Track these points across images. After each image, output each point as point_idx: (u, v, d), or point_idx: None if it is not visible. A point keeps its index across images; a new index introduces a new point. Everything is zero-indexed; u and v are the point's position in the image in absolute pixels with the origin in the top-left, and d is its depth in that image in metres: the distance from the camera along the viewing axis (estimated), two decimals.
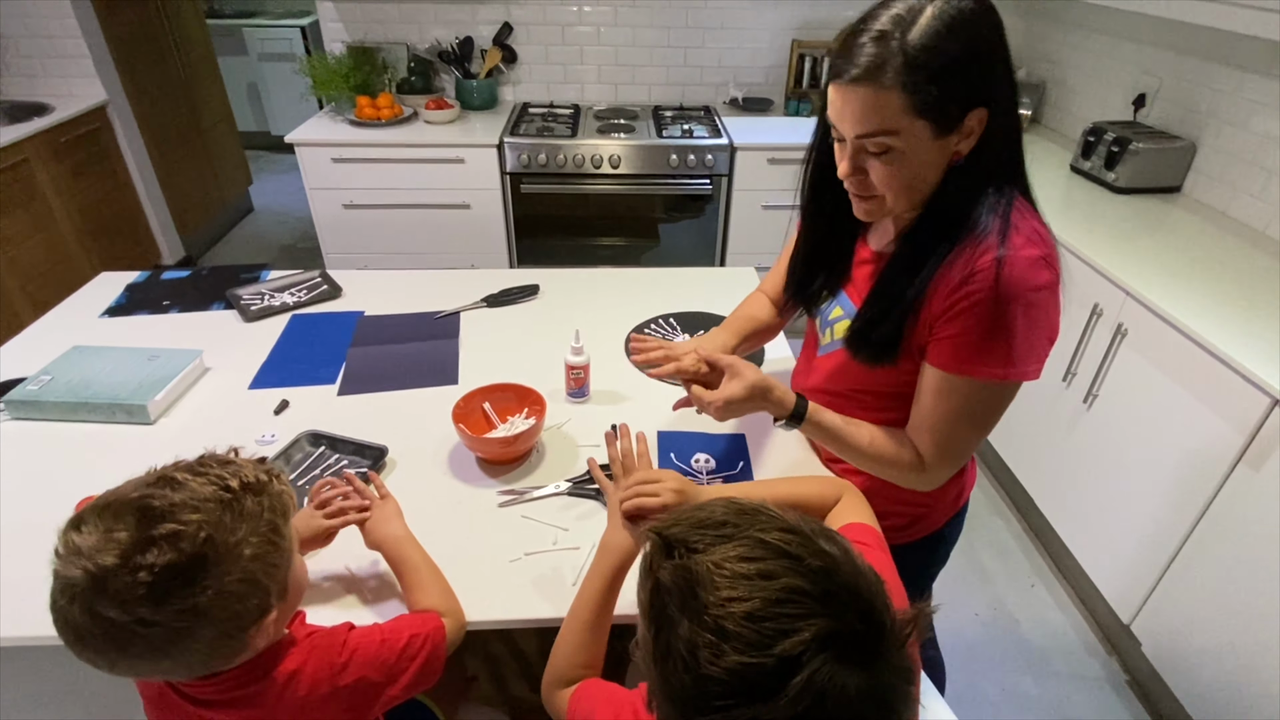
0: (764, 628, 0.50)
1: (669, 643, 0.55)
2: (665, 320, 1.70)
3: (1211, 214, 2.19)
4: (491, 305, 1.74)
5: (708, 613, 0.52)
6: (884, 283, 0.98)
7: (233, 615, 0.71)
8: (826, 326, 1.12)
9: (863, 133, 0.86)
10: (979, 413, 0.96)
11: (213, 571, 0.68)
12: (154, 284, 1.80)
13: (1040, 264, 0.87)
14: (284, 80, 5.05)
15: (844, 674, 0.50)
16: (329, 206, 2.85)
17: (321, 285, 1.79)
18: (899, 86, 0.81)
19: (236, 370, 1.48)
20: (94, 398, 1.32)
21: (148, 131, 3.51)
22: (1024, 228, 0.89)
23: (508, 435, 1.23)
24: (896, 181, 0.89)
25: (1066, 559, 2.14)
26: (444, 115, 2.87)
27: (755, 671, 0.50)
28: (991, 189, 0.90)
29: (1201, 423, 1.61)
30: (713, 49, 3.22)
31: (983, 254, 0.87)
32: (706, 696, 0.52)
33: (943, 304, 0.90)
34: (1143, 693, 1.86)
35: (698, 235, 2.97)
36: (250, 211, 4.61)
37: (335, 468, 1.23)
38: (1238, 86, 2.11)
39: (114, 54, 3.28)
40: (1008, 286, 0.86)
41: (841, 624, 0.51)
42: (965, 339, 0.90)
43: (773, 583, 0.52)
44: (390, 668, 0.86)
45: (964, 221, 0.90)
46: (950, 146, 0.87)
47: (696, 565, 0.55)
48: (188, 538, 0.66)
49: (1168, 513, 1.70)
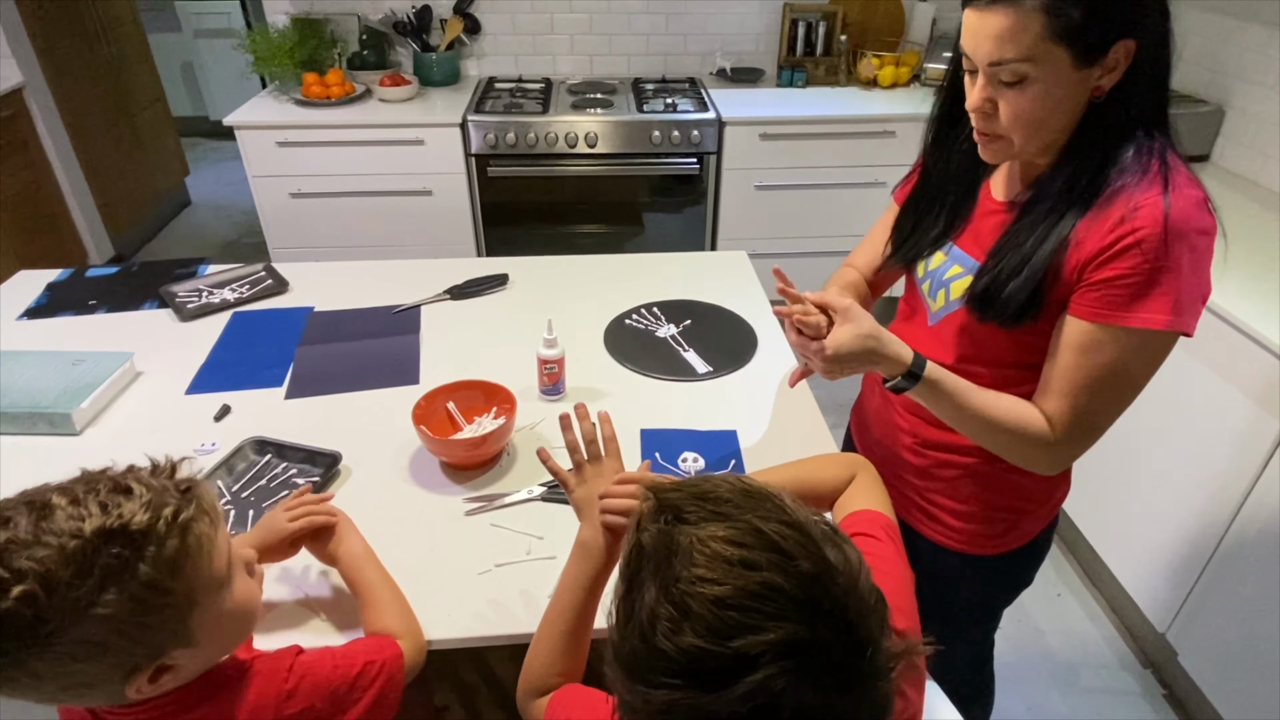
0: (728, 616, 0.51)
1: (634, 606, 0.56)
2: (648, 309, 1.71)
3: (1241, 183, 2.23)
4: (455, 297, 1.75)
5: (676, 586, 0.54)
6: (1017, 231, 0.96)
7: (68, 674, 0.66)
8: (940, 288, 1.08)
9: (998, 59, 0.85)
10: (1128, 373, 0.92)
11: (37, 632, 0.62)
12: (78, 282, 1.80)
13: (1204, 205, 0.87)
14: (222, 59, 5.04)
15: (803, 690, 0.51)
16: (274, 196, 2.84)
17: (266, 280, 1.80)
18: (1041, 8, 0.81)
19: (172, 374, 1.48)
20: (11, 407, 1.31)
21: (70, 118, 3.49)
22: (1181, 170, 0.89)
23: (474, 437, 1.23)
24: (1028, 116, 0.88)
25: (1096, 565, 2.17)
26: (400, 93, 2.88)
27: (708, 659, 0.51)
28: (1139, 134, 0.89)
29: (1237, 411, 1.63)
30: (697, 15, 3.24)
31: (1146, 188, 0.87)
32: (654, 669, 0.53)
33: (1098, 244, 0.88)
34: (1180, 707, 1.89)
35: (685, 220, 2.99)
36: (187, 205, 4.59)
37: (283, 477, 1.23)
38: (1266, 44, 2.15)
39: (30, 32, 3.27)
40: (1176, 224, 0.85)
41: (814, 636, 0.52)
42: (1124, 282, 0.87)
43: (752, 574, 0.53)
44: (341, 698, 0.85)
45: (1108, 166, 0.90)
46: (1091, 81, 0.87)
47: (680, 536, 0.57)
48: (4, 592, 0.61)
49: (1203, 509, 1.73)
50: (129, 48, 4.10)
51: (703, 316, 1.69)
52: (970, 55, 0.89)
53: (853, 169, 2.90)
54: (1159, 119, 0.91)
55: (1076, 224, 0.90)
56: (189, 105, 5.29)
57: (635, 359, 1.55)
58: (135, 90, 4.12)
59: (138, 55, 4.20)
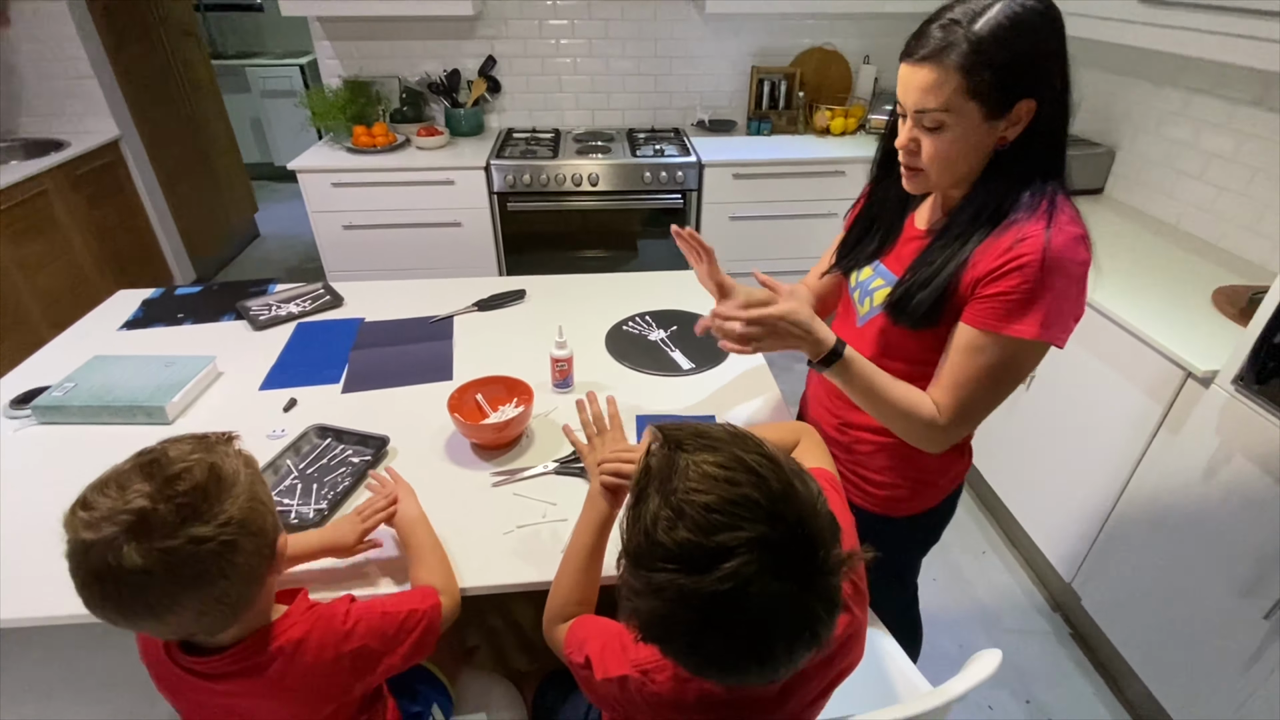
0: (713, 518, 0.56)
1: (641, 512, 0.60)
2: (642, 317, 1.72)
3: (1130, 211, 2.25)
4: (482, 309, 1.76)
5: (675, 496, 0.58)
6: (929, 251, 0.98)
7: (258, 528, 0.74)
8: (866, 296, 1.10)
9: (921, 108, 0.88)
10: (1003, 373, 0.93)
11: (228, 490, 0.72)
12: (168, 299, 1.80)
13: (1082, 242, 0.89)
14: (284, 115, 5.04)
15: (767, 577, 0.55)
16: (330, 228, 2.85)
17: (324, 296, 1.80)
18: (958, 68, 0.83)
19: (248, 373, 1.49)
20: (115, 401, 1.32)
21: (158, 164, 3.50)
22: (1067, 210, 0.90)
23: (499, 422, 1.25)
24: (943, 156, 0.91)
25: (1014, 527, 2.19)
26: (434, 141, 2.89)
27: (696, 549, 0.56)
28: (1036, 179, 0.91)
29: (1126, 396, 1.66)
30: (680, 76, 3.26)
31: (1033, 224, 0.88)
32: (655, 558, 0.57)
33: (989, 265, 0.90)
34: (1084, 643, 1.90)
35: (671, 246, 2.96)
36: (256, 236, 4.59)
37: (340, 456, 1.25)
38: (1150, 98, 2.19)
39: (125, 93, 3.27)
40: (1054, 254, 0.86)
41: (778, 535, 0.56)
42: (1006, 299, 0.89)
43: (734, 488, 0.57)
44: (390, 638, 0.87)
45: (1007, 204, 0.91)
46: (997, 131, 0.89)
47: (680, 459, 0.61)
48: (196, 469, 0.71)
49: (1100, 478, 1.74)
50: (207, 106, 4.10)
51: (686, 323, 1.71)
52: (902, 102, 0.91)
53: (810, 202, 2.92)
54: (1055, 167, 0.93)
55: (976, 247, 0.92)
56: (257, 153, 5.28)
57: (631, 358, 1.56)
58: (213, 141, 4.12)
59: (215, 112, 4.20)
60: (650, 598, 0.58)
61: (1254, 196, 1.89)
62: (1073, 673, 1.83)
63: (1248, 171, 1.90)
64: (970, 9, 0.84)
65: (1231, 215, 1.96)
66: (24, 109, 3.11)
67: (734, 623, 0.56)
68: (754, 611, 0.56)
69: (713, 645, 0.59)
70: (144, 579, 0.66)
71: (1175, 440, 1.53)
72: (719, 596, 0.55)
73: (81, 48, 3.01)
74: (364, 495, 1.17)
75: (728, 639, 0.57)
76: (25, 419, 1.33)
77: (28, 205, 2.68)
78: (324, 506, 1.12)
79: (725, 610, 0.56)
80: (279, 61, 4.98)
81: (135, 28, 3.41)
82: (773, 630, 0.57)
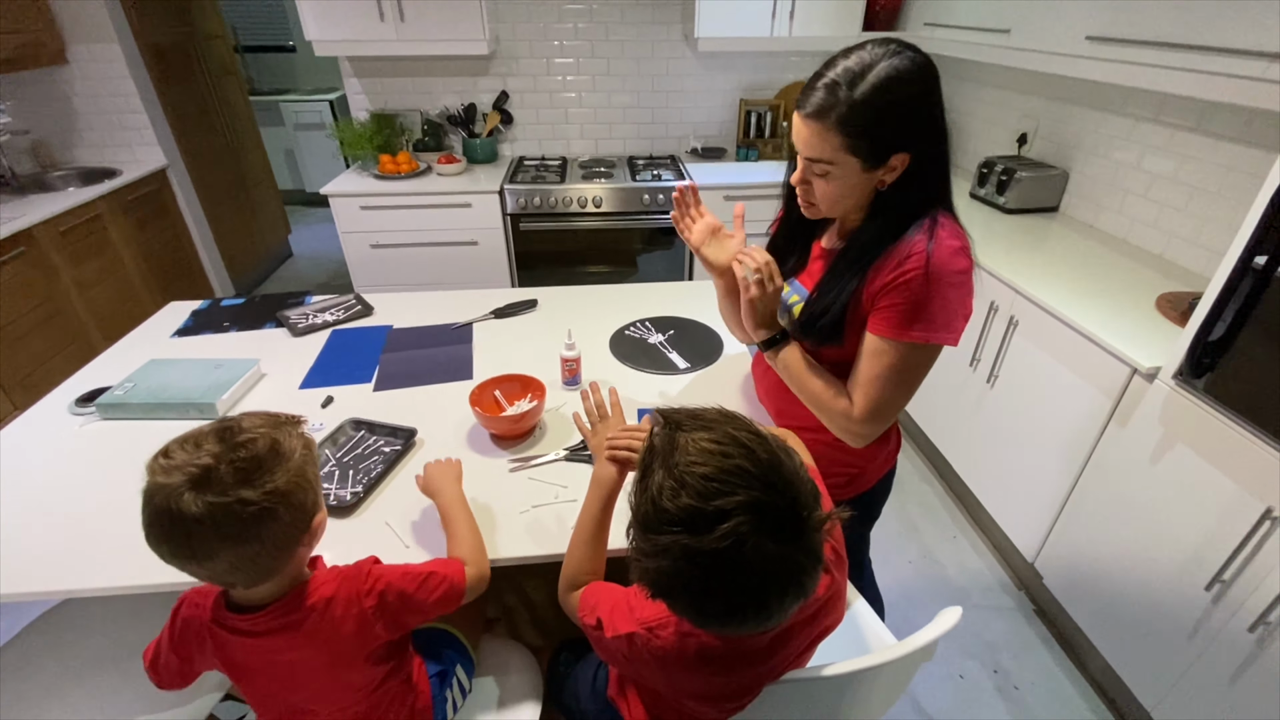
0: (710, 486, 0.59)
1: (647, 485, 0.63)
2: (642, 323, 1.76)
3: (1082, 227, 2.30)
4: (498, 316, 1.79)
5: (677, 469, 0.62)
6: (831, 274, 1.03)
7: (299, 504, 0.78)
8: (785, 311, 1.14)
9: (809, 157, 0.93)
10: (904, 372, 0.97)
11: (280, 465, 0.77)
12: (215, 310, 1.84)
13: (961, 252, 0.94)
14: (315, 145, 5.10)
15: (760, 535, 0.58)
16: (359, 246, 2.89)
17: (356, 305, 1.84)
18: (838, 129, 0.88)
19: (288, 375, 1.53)
20: (170, 399, 1.36)
21: (201, 190, 3.54)
22: (947, 224, 0.95)
23: (515, 415, 1.28)
24: (831, 196, 0.97)
25: (980, 513, 2.22)
26: (453, 168, 2.94)
27: (697, 513, 0.59)
28: (918, 213, 0.96)
29: (1079, 392, 1.69)
30: (675, 108, 3.32)
31: (916, 243, 0.93)
32: (661, 523, 0.61)
33: (882, 282, 0.95)
34: (1046, 618, 1.93)
35: (668, 262, 3.05)
36: (289, 256, 4.63)
37: (373, 447, 1.28)
38: (1099, 125, 2.23)
39: (172, 126, 3.33)
40: (935, 267, 0.91)
41: (768, 499, 0.59)
42: (899, 309, 0.94)
43: (727, 460, 0.61)
44: (409, 596, 0.89)
45: (898, 227, 0.96)
46: (876, 177, 0.94)
47: (679, 438, 0.65)
48: (259, 440, 0.77)
49: (1058, 467, 1.78)
50: (246, 138, 4.16)
51: (682, 328, 1.74)
52: (795, 145, 0.96)
53: None
54: (935, 200, 0.97)
55: (870, 267, 0.97)
56: (290, 181, 5.33)
57: (633, 359, 1.60)
58: (250, 169, 4.17)
59: (252, 143, 4.25)
60: (658, 558, 0.62)
61: (1193, 212, 1.94)
62: (1037, 645, 1.86)
63: (1188, 190, 1.95)
64: (849, 69, 0.87)
65: (1174, 229, 2.00)
66: (80, 140, 3.16)
67: (732, 576, 0.60)
68: (749, 565, 0.59)
69: (714, 598, 0.62)
70: (194, 526, 0.72)
71: (1124, 431, 1.57)
72: (719, 554, 0.58)
73: (133, 85, 3.07)
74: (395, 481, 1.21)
75: (727, 591, 0.61)
76: (89, 415, 1.37)
77: (84, 228, 2.73)
78: (360, 490, 1.16)
79: (724, 565, 0.59)
80: (310, 97, 5.05)
81: (181, 67, 3.47)
82: (766, 582, 0.60)
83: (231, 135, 3.97)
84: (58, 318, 2.59)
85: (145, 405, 1.35)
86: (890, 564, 2.11)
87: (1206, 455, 1.37)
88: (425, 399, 1.44)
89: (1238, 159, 1.80)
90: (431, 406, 1.41)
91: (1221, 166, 1.85)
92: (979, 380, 2.08)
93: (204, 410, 1.35)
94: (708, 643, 0.74)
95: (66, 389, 1.47)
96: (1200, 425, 1.37)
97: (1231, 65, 1.46)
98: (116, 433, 1.33)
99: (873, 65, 0.87)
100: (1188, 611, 1.42)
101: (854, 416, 1.02)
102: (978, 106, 2.87)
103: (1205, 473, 1.37)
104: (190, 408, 1.35)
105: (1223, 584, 1.34)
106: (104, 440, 1.31)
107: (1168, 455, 1.46)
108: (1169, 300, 1.75)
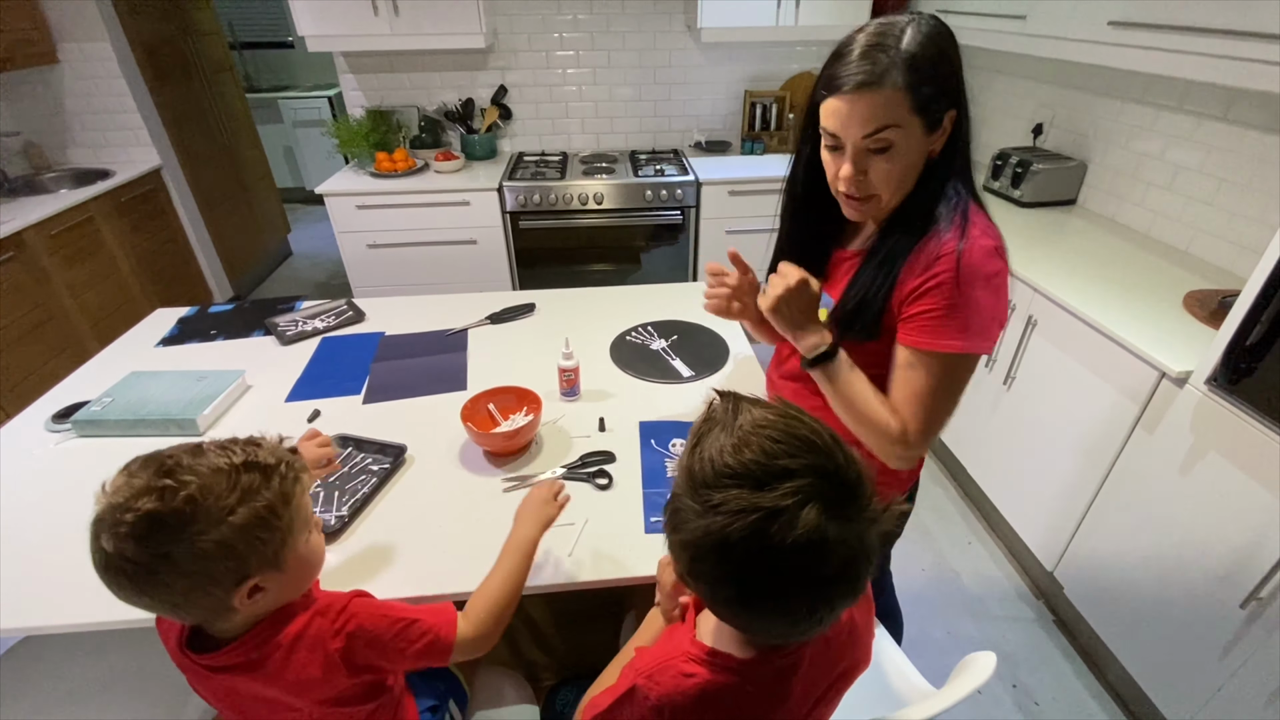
0: (776, 448, 0.57)
1: (705, 446, 0.60)
2: (644, 328, 1.69)
3: (1102, 220, 2.21)
4: (494, 322, 1.73)
5: (740, 430, 0.59)
6: (867, 269, 0.94)
7: (202, 571, 0.67)
8: None
9: (870, 131, 0.83)
10: (950, 385, 0.90)
11: (188, 529, 0.65)
12: (202, 317, 1.78)
13: (994, 254, 0.87)
14: (314, 143, 5.03)
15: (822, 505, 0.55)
16: (356, 247, 2.83)
17: (348, 312, 1.78)
18: (902, 86, 0.80)
19: (275, 386, 1.47)
20: (149, 415, 1.30)
21: (197, 190, 3.48)
22: (978, 222, 0.88)
23: (510, 430, 1.22)
24: (894, 178, 0.87)
25: (997, 519, 2.14)
26: (451, 165, 2.87)
27: (760, 469, 0.56)
28: (950, 187, 0.89)
29: (1102, 396, 1.61)
30: (678, 101, 3.23)
31: (946, 243, 0.86)
32: (719, 477, 0.57)
33: (911, 286, 0.88)
34: (1066, 629, 1.85)
35: (672, 259, 2.97)
36: (289, 255, 4.58)
37: (361, 465, 1.21)
38: (1118, 114, 2.14)
39: (166, 125, 3.26)
40: (967, 271, 0.84)
41: (834, 467, 0.57)
42: (929, 316, 0.87)
43: (795, 429, 0.58)
44: (384, 645, 0.79)
45: (929, 217, 0.89)
46: (930, 144, 0.86)
47: (742, 407, 0.62)
48: (173, 494, 0.65)
49: (1080, 474, 1.70)
50: (243, 136, 4.09)
51: (686, 333, 1.67)
52: (838, 135, 0.87)
53: None
54: (965, 172, 0.91)
55: (902, 266, 0.90)
56: (289, 178, 5.27)
57: (635, 367, 1.53)
58: (248, 168, 4.11)
59: (249, 141, 4.19)
60: (710, 515, 0.57)
61: (1220, 205, 1.85)
62: (1056, 658, 1.78)
63: (1214, 181, 1.85)
64: (884, 32, 0.82)
65: (1200, 223, 1.91)
66: (72, 141, 3.10)
67: (786, 543, 0.54)
68: (805, 536, 0.54)
69: (762, 569, 0.57)
70: (103, 564, 0.65)
71: (1151, 438, 1.49)
72: (778, 513, 0.54)
73: (125, 84, 3.00)
74: (384, 502, 1.14)
75: (777, 562, 0.55)
76: (66, 433, 1.31)
77: (76, 230, 2.67)
78: (345, 513, 1.09)
79: (781, 529, 0.54)
80: (309, 94, 4.98)
81: (174, 65, 3.40)
82: (819, 560, 0.55)
83: (228, 134, 3.90)
84: (50, 323, 2.54)
85: (123, 422, 1.28)
86: (902, 571, 2.03)
87: (1242, 465, 1.29)
88: (417, 412, 1.38)
89: (1269, 149, 1.71)
90: (423, 420, 1.35)
91: (1251, 157, 1.75)
92: (995, 381, 2.00)
93: (184, 427, 1.29)
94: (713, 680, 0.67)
95: (45, 403, 1.41)
96: (1236, 433, 1.29)
97: (1261, 50, 1.38)
98: (94, 451, 1.27)
99: (902, 25, 0.82)
100: (1221, 629, 1.34)
101: (908, 438, 0.92)
102: (990, 96, 2.77)
103: (1241, 483, 1.29)
104: (170, 424, 1.29)
105: (1259, 602, 1.27)
106: (80, 459, 1.25)
107: (1199, 465, 1.38)
108: (1197, 299, 1.66)
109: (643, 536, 1.07)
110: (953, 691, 0.79)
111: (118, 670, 1.18)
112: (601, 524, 1.09)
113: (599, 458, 1.23)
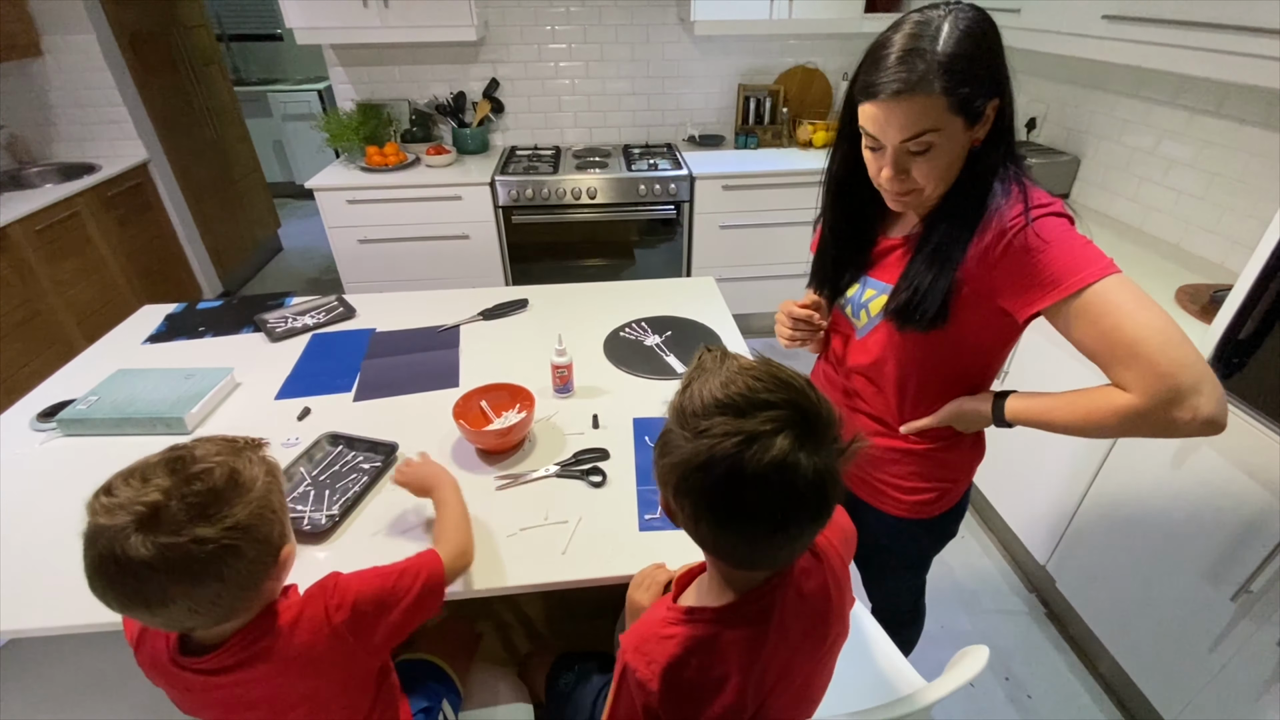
0: (758, 385, 0.63)
1: (692, 386, 0.67)
2: (638, 323, 1.68)
3: (1095, 215, 2.21)
4: (487, 318, 1.71)
5: (726, 372, 0.66)
6: (919, 260, 0.92)
7: (263, 538, 0.71)
8: (860, 308, 1.04)
9: (909, 136, 0.83)
10: (1128, 306, 0.80)
11: (241, 496, 0.70)
12: (190, 313, 1.76)
13: (1061, 209, 0.85)
14: (304, 137, 4.98)
15: (793, 433, 0.60)
16: (346, 242, 2.80)
17: (338, 308, 1.76)
18: (940, 91, 0.79)
19: (264, 384, 1.45)
20: (136, 413, 1.28)
21: (185, 184, 3.44)
22: (1036, 192, 0.86)
23: (502, 428, 1.21)
24: (936, 174, 0.86)
25: (991, 514, 2.15)
26: (443, 160, 2.84)
27: (743, 400, 0.62)
28: (1002, 168, 0.87)
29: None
30: (671, 94, 3.21)
31: (1012, 207, 0.84)
32: (708, 409, 0.63)
33: (988, 258, 0.85)
34: (1058, 621, 1.86)
35: (666, 253, 2.96)
36: (280, 250, 4.53)
37: (352, 463, 1.20)
38: (1112, 108, 2.14)
39: (153, 118, 3.22)
40: (1043, 229, 0.82)
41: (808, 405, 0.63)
42: (1039, 274, 0.82)
43: (776, 373, 0.65)
44: (384, 599, 0.82)
45: (984, 197, 0.87)
46: (972, 135, 0.85)
47: (730, 359, 0.69)
48: (216, 471, 0.69)
49: (1072, 470, 1.70)
50: (231, 129, 4.04)
51: (681, 328, 1.66)
52: (877, 137, 0.86)
53: (794, 211, 2.88)
54: (1011, 152, 0.89)
55: (968, 246, 0.87)
56: (279, 173, 5.22)
57: (628, 363, 1.52)
58: (237, 162, 4.06)
59: (238, 135, 4.14)
60: (697, 439, 0.63)
61: (1213, 200, 1.85)
62: (1049, 650, 1.79)
63: (1207, 176, 1.86)
64: (919, 33, 0.80)
65: (1192, 217, 1.91)
66: (58, 135, 3.06)
67: (761, 462, 0.60)
68: (779, 458, 0.60)
69: (741, 488, 0.62)
70: (144, 571, 0.64)
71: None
72: (756, 437, 0.60)
73: (110, 77, 2.96)
74: (375, 501, 1.13)
75: (757, 480, 0.60)
76: (51, 431, 1.29)
77: (62, 226, 2.63)
78: (335, 512, 1.08)
79: (758, 451, 0.60)
80: (298, 87, 4.93)
81: (160, 58, 3.35)
82: (789, 480, 0.60)
83: (216, 127, 3.85)
84: (35, 320, 2.51)
85: (109, 420, 1.27)
86: None
87: (1233, 459, 1.29)
88: (408, 409, 1.37)
89: (1261, 144, 1.71)
90: (414, 418, 1.33)
91: (1243, 152, 1.75)
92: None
93: (172, 425, 1.27)
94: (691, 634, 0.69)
95: (30, 401, 1.39)
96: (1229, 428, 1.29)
97: (1255, 45, 1.37)
98: (80, 450, 1.25)
99: (939, 22, 0.80)
100: (1212, 621, 1.35)
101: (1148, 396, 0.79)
102: None
103: (1232, 477, 1.29)
104: (158, 422, 1.27)
105: (1250, 595, 1.27)
106: (66, 458, 1.23)
107: (1191, 458, 1.38)
108: (1189, 293, 1.66)
109: (637, 534, 1.06)
110: (945, 684, 0.79)
111: (99, 673, 1.16)
112: (595, 522, 1.08)
113: (593, 455, 1.22)
